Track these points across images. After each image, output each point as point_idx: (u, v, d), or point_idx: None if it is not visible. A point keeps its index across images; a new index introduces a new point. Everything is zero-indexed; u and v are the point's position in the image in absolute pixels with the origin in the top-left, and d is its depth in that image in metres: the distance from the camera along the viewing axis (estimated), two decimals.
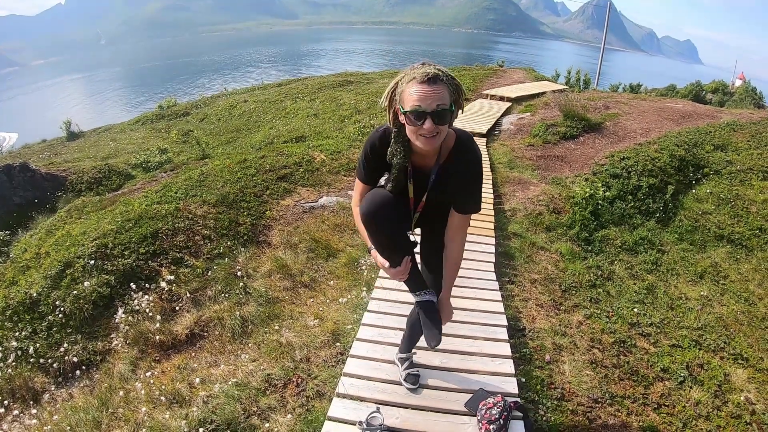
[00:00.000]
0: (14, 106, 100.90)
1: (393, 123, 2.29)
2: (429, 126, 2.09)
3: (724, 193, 8.00)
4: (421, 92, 2.07)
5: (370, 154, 2.45)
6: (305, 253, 5.84)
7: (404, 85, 2.14)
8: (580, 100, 12.27)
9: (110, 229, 6.02)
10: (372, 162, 2.47)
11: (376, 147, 2.42)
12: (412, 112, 2.09)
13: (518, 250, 6.03)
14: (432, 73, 2.08)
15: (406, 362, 3.39)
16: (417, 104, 2.07)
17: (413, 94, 2.08)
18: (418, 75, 2.09)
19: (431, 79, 2.07)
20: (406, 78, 2.14)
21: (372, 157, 2.45)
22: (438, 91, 2.08)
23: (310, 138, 12.82)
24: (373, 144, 2.43)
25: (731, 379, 4.44)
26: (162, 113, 25.76)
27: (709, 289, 6.08)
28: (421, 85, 2.07)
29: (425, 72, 2.08)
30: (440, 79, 2.10)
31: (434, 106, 2.07)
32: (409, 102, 2.10)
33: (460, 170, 2.41)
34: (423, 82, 2.07)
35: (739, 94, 29.71)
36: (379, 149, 2.42)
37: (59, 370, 4.67)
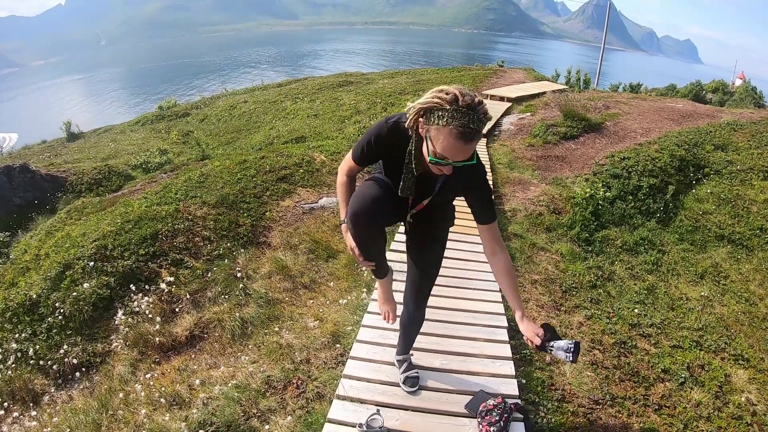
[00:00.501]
0: (14, 106, 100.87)
1: (413, 131, 2.16)
2: (449, 171, 2.09)
3: (725, 193, 8.00)
4: (454, 149, 1.96)
5: (373, 143, 2.34)
6: (305, 255, 5.83)
7: (440, 126, 1.95)
8: (581, 100, 12.27)
9: (110, 231, 6.02)
10: (374, 150, 2.38)
11: (383, 137, 2.30)
12: (437, 162, 2.03)
13: (519, 250, 6.02)
14: (473, 130, 1.92)
15: (405, 364, 3.36)
16: (445, 156, 1.99)
17: (446, 144, 1.96)
18: (457, 128, 1.91)
19: (469, 137, 1.93)
20: (443, 117, 1.93)
21: (375, 146, 2.35)
22: (471, 149, 1.99)
23: (310, 138, 12.82)
24: (380, 134, 2.30)
25: (732, 380, 4.43)
26: (162, 114, 25.77)
27: (710, 289, 6.07)
28: (458, 141, 1.93)
29: (466, 130, 1.91)
30: (478, 135, 1.96)
31: (462, 160, 2.01)
32: (439, 148, 1.98)
33: (469, 182, 2.38)
34: (461, 138, 1.93)
35: (739, 93, 29.75)
36: (385, 140, 2.30)
37: (59, 372, 4.65)
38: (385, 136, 2.29)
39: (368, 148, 2.37)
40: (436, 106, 1.95)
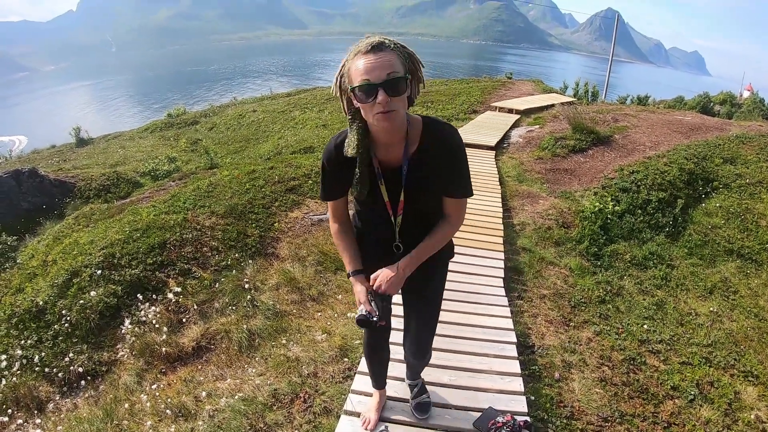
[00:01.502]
0: (25, 110, 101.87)
1: (347, 111, 2.05)
2: (382, 98, 1.84)
3: (734, 207, 7.94)
4: (367, 63, 1.83)
5: (326, 164, 2.20)
6: (313, 266, 5.82)
7: (350, 63, 1.90)
8: (589, 112, 12.26)
9: (118, 239, 6.04)
10: (330, 173, 2.23)
11: (333, 154, 2.16)
12: (361, 86, 1.85)
13: (527, 265, 5.99)
14: (377, 41, 1.85)
15: (415, 388, 3.24)
16: (365, 77, 1.83)
17: (359, 67, 1.84)
18: (361, 47, 1.86)
19: (376, 47, 1.84)
20: (350, 56, 1.91)
21: (329, 168, 2.21)
22: (386, 58, 1.84)
23: (318, 149, 12.85)
24: (329, 152, 2.18)
25: (741, 397, 4.38)
26: (171, 121, 25.96)
27: (719, 304, 6.01)
28: (366, 55, 1.84)
29: (369, 41, 1.86)
30: (386, 46, 1.86)
31: (384, 76, 1.82)
32: (356, 77, 1.86)
33: (436, 152, 2.12)
34: (368, 52, 1.84)
35: (747, 105, 29.65)
36: (335, 156, 2.15)
37: (64, 380, 4.67)
38: (335, 155, 2.16)
39: (325, 174, 2.26)
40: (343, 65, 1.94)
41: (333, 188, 2.30)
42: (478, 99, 17.52)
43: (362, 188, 2.16)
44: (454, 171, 2.16)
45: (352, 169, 2.14)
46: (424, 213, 2.30)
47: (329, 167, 2.20)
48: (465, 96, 17.86)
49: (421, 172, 2.15)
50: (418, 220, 2.30)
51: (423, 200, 2.25)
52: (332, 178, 2.24)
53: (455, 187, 2.20)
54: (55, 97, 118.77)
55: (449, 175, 2.17)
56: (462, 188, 2.20)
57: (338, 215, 2.40)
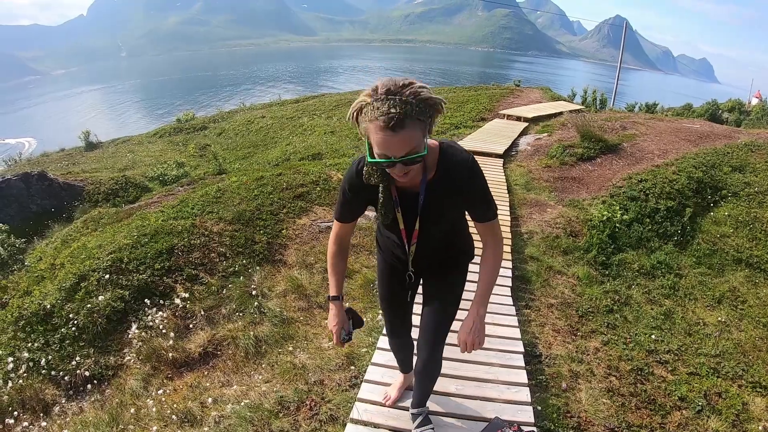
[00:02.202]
0: (34, 113, 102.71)
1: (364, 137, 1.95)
2: (399, 170, 1.87)
3: (743, 216, 7.90)
4: (386, 140, 1.77)
5: (348, 189, 2.19)
6: (321, 273, 5.83)
7: (368, 122, 1.79)
8: (597, 120, 12.23)
9: (126, 244, 6.05)
10: (351, 197, 2.22)
11: (355, 180, 2.14)
12: (380, 161, 1.85)
13: (535, 273, 5.97)
14: (394, 119, 1.72)
15: (419, 417, 3.08)
16: (383, 152, 1.81)
17: (378, 140, 1.79)
18: (380, 118, 1.74)
19: (394, 126, 1.73)
20: (368, 113, 1.79)
21: (351, 193, 2.20)
22: (404, 138, 1.76)
23: (326, 155, 12.88)
24: (351, 177, 2.15)
25: (749, 408, 4.35)
26: (180, 126, 26.09)
27: (727, 314, 5.97)
28: (384, 132, 1.75)
29: (388, 117, 1.72)
30: (406, 122, 1.74)
31: (402, 153, 1.79)
32: (374, 146, 1.83)
33: (452, 179, 2.11)
34: (385, 129, 1.74)
35: (756, 113, 29.57)
36: (357, 181, 2.12)
37: (70, 383, 4.67)
38: (356, 180, 2.13)
39: (344, 197, 2.25)
40: (362, 106, 1.83)
41: (348, 211, 2.32)
42: (487, 106, 17.53)
43: (387, 213, 2.18)
44: (475, 196, 2.17)
45: (373, 194, 2.16)
46: (438, 242, 2.38)
47: (351, 192, 2.20)
48: (473, 103, 17.87)
49: (436, 199, 2.16)
50: (432, 250, 2.40)
51: (437, 228, 2.30)
52: (351, 201, 2.26)
53: (480, 212, 2.23)
54: (65, 100, 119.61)
55: (471, 201, 2.20)
56: (485, 211, 2.23)
57: (341, 238, 2.44)
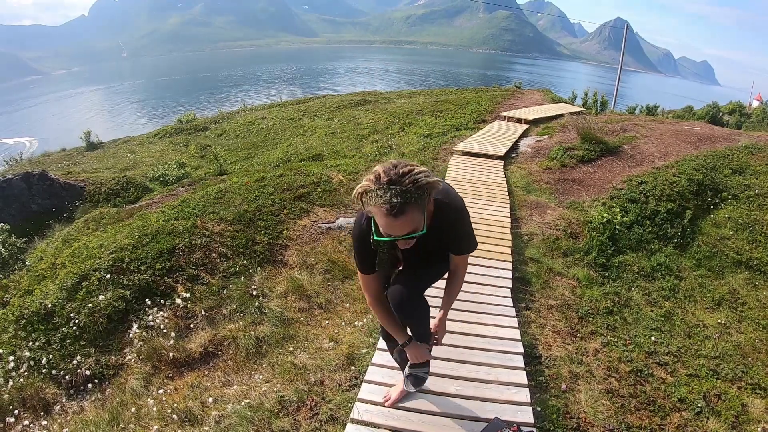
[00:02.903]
0: (36, 113, 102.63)
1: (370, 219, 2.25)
2: (403, 245, 2.18)
3: (743, 218, 7.89)
4: (389, 225, 2.02)
5: (362, 245, 2.41)
6: (321, 274, 5.84)
7: (372, 207, 2.04)
8: (598, 122, 12.22)
9: (127, 244, 6.07)
10: (366, 250, 2.42)
11: (365, 236, 2.37)
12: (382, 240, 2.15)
13: (535, 275, 5.98)
14: (396, 207, 1.96)
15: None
16: (387, 233, 2.08)
17: (382, 224, 2.06)
18: (383, 207, 1.98)
19: (396, 213, 1.97)
20: (372, 199, 2.01)
21: (364, 247, 2.40)
22: (405, 222, 2.01)
23: (327, 157, 12.87)
24: (361, 235, 2.40)
25: (749, 409, 4.35)
26: (181, 127, 26.07)
27: (727, 316, 5.98)
28: (387, 218, 2.00)
29: (390, 205, 1.96)
30: (406, 209, 1.98)
31: (405, 233, 2.06)
32: (380, 228, 2.09)
33: (443, 228, 2.40)
34: (388, 215, 1.99)
35: (757, 115, 29.54)
36: (367, 237, 2.35)
37: (71, 382, 4.69)
38: (366, 234, 2.35)
39: (361, 252, 2.46)
40: (366, 189, 2.03)
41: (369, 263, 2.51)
42: (487, 108, 17.50)
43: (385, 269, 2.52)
44: (462, 237, 2.52)
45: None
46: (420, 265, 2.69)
47: (363, 245, 2.41)
48: (474, 105, 17.84)
49: (424, 242, 2.34)
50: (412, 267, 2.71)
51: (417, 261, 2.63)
52: (367, 253, 2.45)
53: (458, 247, 2.60)
54: (66, 101, 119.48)
55: (454, 239, 2.54)
56: (465, 248, 2.59)
57: (374, 290, 2.64)
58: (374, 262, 2.48)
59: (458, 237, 2.51)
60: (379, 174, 2.01)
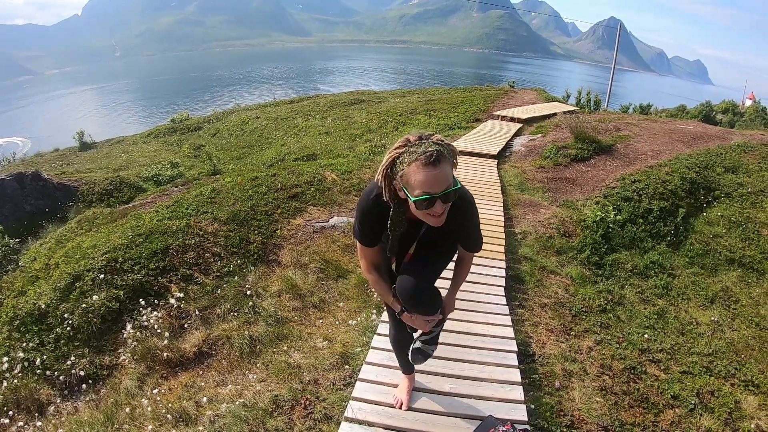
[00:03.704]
0: (28, 113, 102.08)
1: (390, 197, 2.23)
2: (439, 208, 2.08)
3: (735, 216, 7.94)
4: (429, 177, 1.99)
5: (366, 220, 2.43)
6: (315, 274, 5.84)
7: (406, 167, 2.04)
8: (591, 121, 12.26)
9: (121, 244, 6.05)
10: (370, 225, 2.44)
11: (374, 212, 2.38)
12: (423, 199, 2.04)
13: (528, 273, 6.00)
14: (435, 154, 1.99)
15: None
16: (426, 191, 2.02)
17: (420, 179, 2.01)
18: (420, 158, 1.99)
19: (435, 160, 1.99)
20: (405, 159, 2.04)
21: (370, 222, 2.43)
22: (444, 171, 2.01)
23: (321, 156, 12.89)
24: (370, 210, 2.39)
25: (742, 406, 4.39)
26: (174, 127, 26.03)
27: (720, 313, 6.01)
28: (426, 168, 1.99)
29: (428, 153, 1.99)
30: (443, 157, 2.01)
31: (442, 189, 2.03)
32: (416, 188, 2.03)
33: (453, 219, 2.33)
34: (428, 165, 1.99)
35: (749, 114, 29.70)
36: (376, 214, 2.38)
37: (65, 383, 4.67)
38: (375, 210, 2.37)
39: (364, 226, 2.46)
40: (395, 157, 2.09)
41: (372, 237, 2.51)
42: (481, 107, 17.52)
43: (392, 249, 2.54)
44: (473, 229, 2.53)
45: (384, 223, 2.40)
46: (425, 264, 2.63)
47: (368, 220, 2.44)
48: (468, 104, 17.87)
49: (435, 232, 2.46)
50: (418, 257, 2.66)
51: (426, 252, 2.61)
52: (371, 229, 2.47)
53: (471, 244, 2.61)
54: (59, 100, 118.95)
55: (466, 234, 2.55)
56: (475, 246, 2.61)
57: (374, 264, 2.64)
58: (376, 237, 2.49)
59: (471, 228, 2.51)
60: (407, 138, 2.08)
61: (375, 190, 2.33)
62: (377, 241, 2.52)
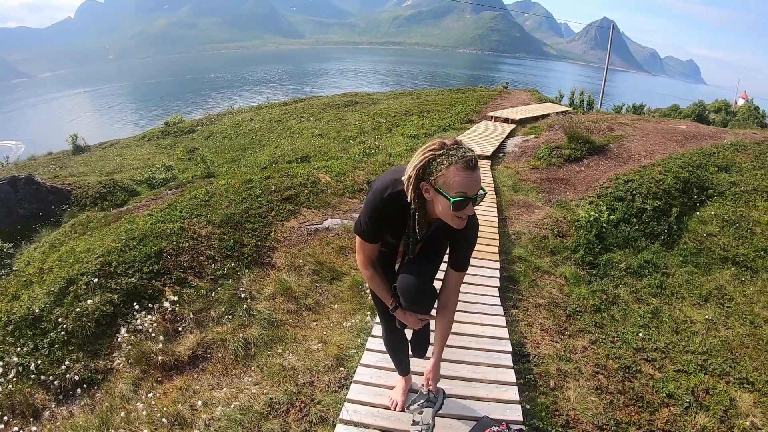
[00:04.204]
0: (22, 116, 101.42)
1: (415, 198, 2.26)
2: (470, 210, 2.18)
3: (729, 215, 7.98)
4: (468, 180, 2.09)
5: (377, 218, 2.43)
6: (309, 276, 5.83)
7: (445, 169, 2.10)
8: (584, 122, 12.30)
9: (114, 247, 6.04)
10: (379, 224, 2.46)
11: (390, 212, 2.40)
12: (459, 201, 2.11)
13: (523, 274, 6.01)
14: (473, 158, 2.10)
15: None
16: (463, 192, 2.10)
17: (459, 180, 2.09)
18: (460, 162, 2.08)
19: (473, 165, 2.10)
20: (444, 161, 2.10)
21: (379, 221, 2.45)
22: (478, 175, 2.13)
23: (314, 158, 12.88)
24: (383, 209, 2.39)
25: (737, 403, 4.41)
26: (168, 130, 25.97)
27: (714, 312, 6.04)
28: (466, 172, 2.08)
29: (467, 158, 2.09)
30: (478, 162, 2.14)
31: (476, 192, 2.13)
32: (453, 188, 2.11)
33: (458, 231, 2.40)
34: (467, 168, 2.09)
35: (742, 113, 29.80)
36: (389, 213, 2.40)
37: (60, 388, 4.66)
38: (390, 209, 2.39)
39: (373, 224, 2.46)
40: (431, 159, 2.13)
41: (377, 235, 2.53)
42: (474, 109, 17.55)
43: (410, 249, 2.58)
44: (466, 251, 2.58)
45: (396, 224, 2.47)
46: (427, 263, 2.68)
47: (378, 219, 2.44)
48: (461, 105, 17.90)
49: (440, 233, 2.53)
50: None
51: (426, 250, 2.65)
52: (379, 227, 2.49)
53: (461, 264, 2.62)
54: (52, 103, 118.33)
55: (459, 248, 2.58)
56: (465, 265, 2.63)
57: (371, 259, 2.64)
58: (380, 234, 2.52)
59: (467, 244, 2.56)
60: (442, 143, 2.14)
61: (389, 188, 2.36)
62: (380, 238, 2.55)
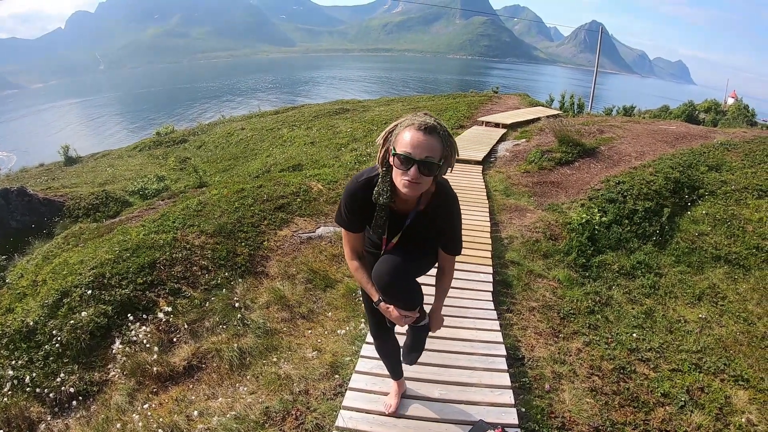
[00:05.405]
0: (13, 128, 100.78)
1: (382, 163, 2.33)
2: (414, 173, 2.16)
3: (720, 214, 8.01)
4: (414, 139, 2.13)
5: (351, 203, 2.48)
6: (303, 284, 5.83)
7: (402, 128, 2.19)
8: (575, 125, 12.37)
9: (108, 259, 6.02)
10: (355, 210, 2.49)
11: (359, 196, 2.45)
12: (402, 155, 2.15)
13: (516, 278, 6.03)
14: (430, 124, 2.15)
15: None
16: (408, 150, 2.14)
17: (407, 139, 2.15)
18: (417, 122, 2.15)
19: (428, 129, 2.14)
20: (405, 122, 2.19)
21: (355, 206, 2.48)
22: (431, 142, 2.15)
23: (306, 166, 12.89)
24: (355, 193, 2.45)
25: (732, 401, 4.42)
26: (160, 140, 25.97)
27: (708, 310, 6.06)
28: (417, 132, 2.14)
29: (424, 121, 2.15)
30: (436, 132, 2.16)
31: (423, 156, 2.14)
32: (401, 145, 2.16)
33: (438, 215, 2.50)
34: (419, 129, 2.13)
35: (732, 112, 30.05)
36: (361, 198, 2.45)
37: (55, 400, 4.62)
38: (360, 194, 2.44)
39: (349, 209, 2.50)
40: (396, 125, 2.24)
41: (354, 221, 2.56)
42: (465, 114, 17.60)
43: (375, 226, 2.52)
44: (453, 233, 2.60)
45: (371, 210, 2.48)
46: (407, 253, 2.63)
47: (353, 204, 2.48)
48: (452, 111, 17.95)
49: (420, 225, 2.54)
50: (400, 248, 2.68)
51: (410, 246, 2.62)
52: (355, 213, 2.51)
53: (451, 247, 2.66)
54: (44, 114, 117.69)
55: (447, 235, 2.62)
56: (455, 248, 2.67)
57: (355, 250, 2.68)
58: (359, 221, 2.54)
59: (452, 229, 2.58)
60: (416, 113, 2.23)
61: (365, 175, 2.45)
62: (361, 227, 2.59)
